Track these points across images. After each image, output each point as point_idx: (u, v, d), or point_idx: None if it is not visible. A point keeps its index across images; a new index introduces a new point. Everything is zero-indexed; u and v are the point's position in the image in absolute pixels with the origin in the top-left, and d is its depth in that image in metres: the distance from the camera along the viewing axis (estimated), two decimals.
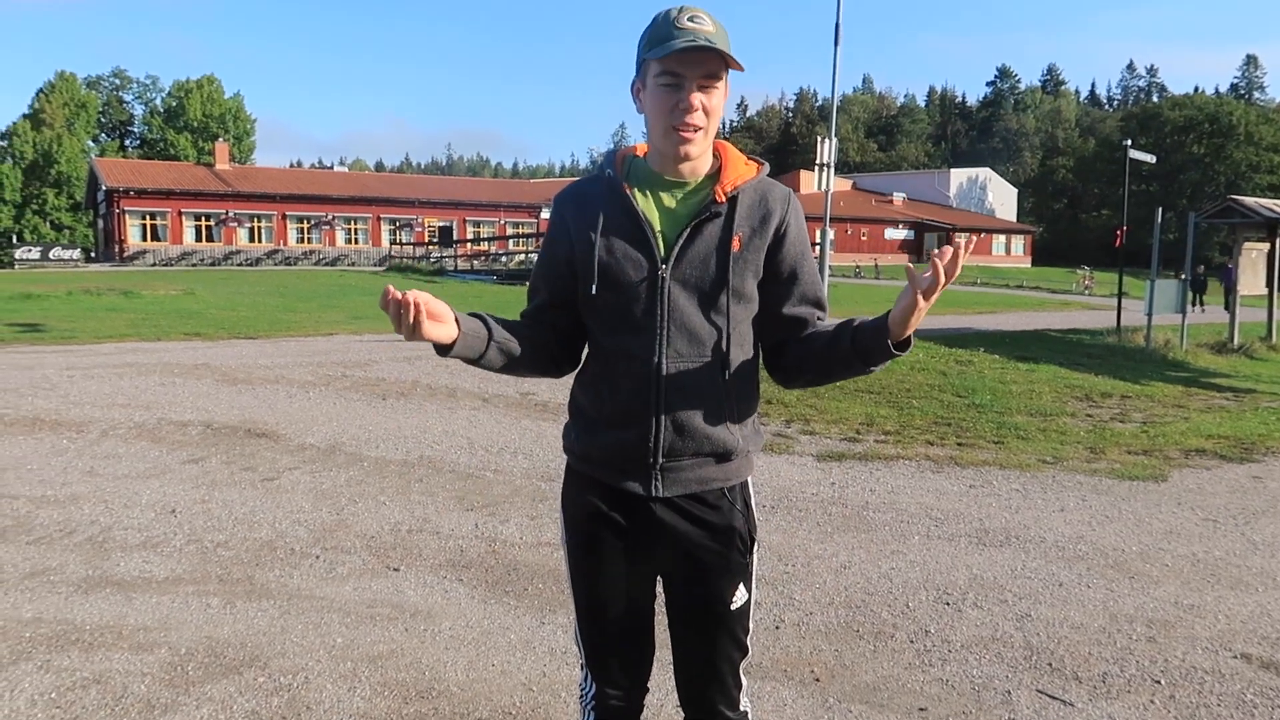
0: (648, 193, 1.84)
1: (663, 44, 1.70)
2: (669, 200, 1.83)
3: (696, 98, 1.73)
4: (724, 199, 1.80)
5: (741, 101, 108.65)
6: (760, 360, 1.94)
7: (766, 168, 1.89)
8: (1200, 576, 4.34)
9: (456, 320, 1.74)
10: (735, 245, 1.80)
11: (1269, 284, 15.83)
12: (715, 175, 1.84)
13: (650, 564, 1.92)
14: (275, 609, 3.76)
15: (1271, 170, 65.15)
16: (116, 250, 44.39)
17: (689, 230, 1.80)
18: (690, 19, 1.71)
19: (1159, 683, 3.24)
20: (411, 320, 1.64)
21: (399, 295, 1.63)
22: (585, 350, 1.95)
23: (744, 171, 1.84)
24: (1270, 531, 5.10)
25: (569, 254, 1.85)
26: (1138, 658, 3.43)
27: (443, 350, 1.74)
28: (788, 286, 1.88)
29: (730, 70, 1.76)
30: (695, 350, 1.80)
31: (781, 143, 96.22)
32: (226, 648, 3.39)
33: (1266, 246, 15.71)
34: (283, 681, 3.15)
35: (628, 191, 1.82)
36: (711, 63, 1.72)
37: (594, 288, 1.81)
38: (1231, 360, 13.81)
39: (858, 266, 51.29)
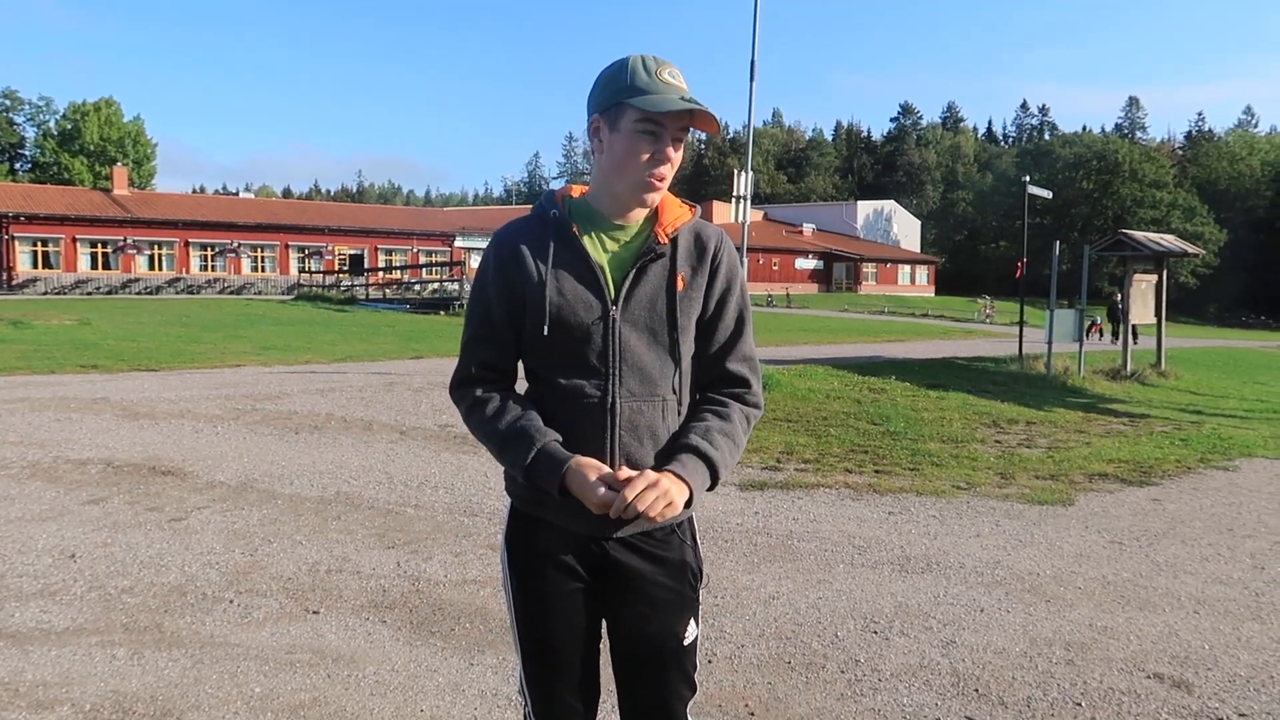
0: (592, 234, 1.86)
1: (647, 94, 1.74)
2: (611, 243, 1.86)
3: (669, 151, 1.78)
4: (666, 240, 1.85)
5: None
6: None
7: (699, 210, 1.94)
8: (1111, 598, 4.50)
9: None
10: (680, 285, 1.84)
11: (1157, 313, 16.71)
12: (653, 218, 1.88)
13: (602, 606, 1.91)
14: (187, 658, 3.58)
15: (1154, 205, 68.92)
16: (4, 278, 42.20)
17: (635, 271, 1.82)
18: (669, 74, 1.77)
19: (1080, 705, 3.33)
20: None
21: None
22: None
23: (681, 213, 1.89)
24: (1171, 553, 5.33)
25: (520, 292, 1.84)
26: (1059, 681, 3.53)
27: None
28: (712, 323, 1.89)
29: None
30: (647, 390, 1.82)
31: (695, 174, 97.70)
32: (136, 702, 3.21)
33: (1155, 278, 16.59)
34: None
35: (576, 232, 1.83)
36: (686, 119, 1.78)
37: (545, 328, 1.80)
38: (1125, 386, 14.49)
39: (770, 296, 52.23)
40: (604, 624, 1.95)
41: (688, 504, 1.77)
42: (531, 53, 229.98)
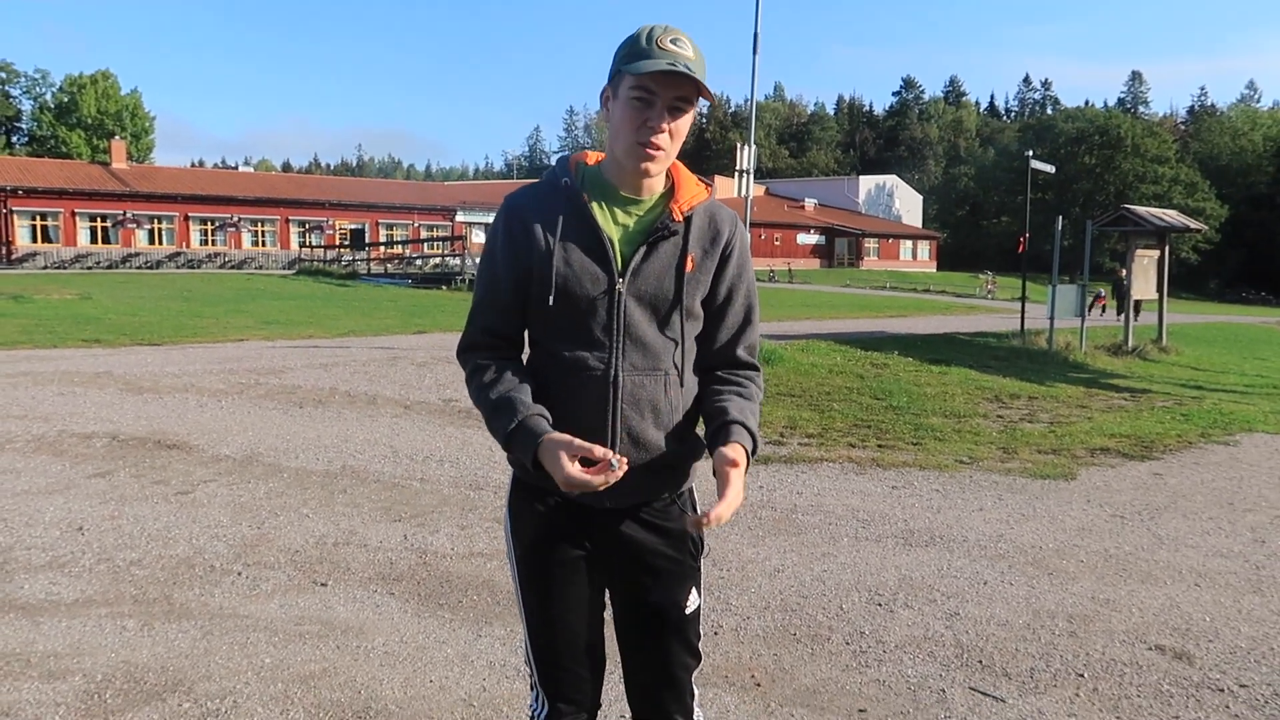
0: (604, 205, 1.83)
1: (641, 60, 1.71)
2: (624, 216, 1.84)
3: (665, 119, 1.74)
4: (680, 218, 1.83)
5: None
6: None
7: (715, 190, 1.92)
8: (1113, 571, 4.52)
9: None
10: (689, 265, 1.83)
11: (1159, 289, 16.68)
12: (669, 194, 1.86)
13: (604, 575, 1.93)
14: (197, 630, 3.61)
15: (1156, 181, 68.52)
16: (3, 252, 42.10)
17: (646, 247, 1.81)
18: (673, 41, 1.73)
19: (1082, 676, 3.36)
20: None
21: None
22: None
23: (697, 192, 1.87)
24: (1173, 526, 5.35)
25: (527, 261, 1.82)
26: (1061, 652, 3.56)
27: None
28: (721, 310, 1.90)
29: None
30: (649, 364, 1.82)
31: (696, 147, 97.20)
32: (146, 673, 3.24)
33: (1156, 253, 16.55)
34: (210, 706, 3.02)
35: (586, 202, 1.81)
36: (685, 88, 1.74)
37: (551, 298, 1.79)
38: (1126, 361, 14.50)
39: (772, 271, 52.13)
40: (607, 594, 1.97)
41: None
42: (532, 25, 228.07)
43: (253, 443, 6.89)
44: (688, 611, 1.92)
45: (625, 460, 1.70)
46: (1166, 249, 16.68)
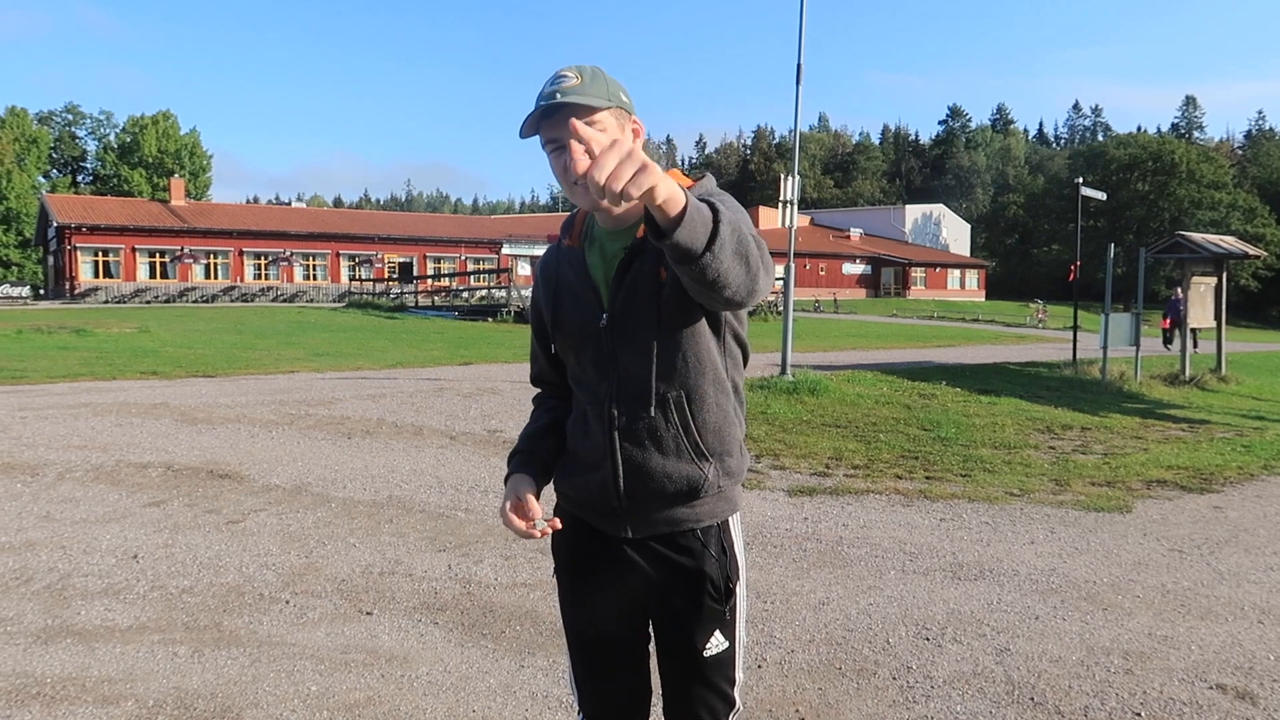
0: (596, 247, 1.86)
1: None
2: (610, 249, 1.83)
3: (579, 150, 1.70)
4: (643, 233, 1.75)
5: (700, 139, 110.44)
6: (740, 385, 1.89)
7: (704, 180, 1.80)
8: (1171, 607, 4.39)
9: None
10: (663, 274, 1.73)
11: (1217, 317, 16.27)
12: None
13: (633, 604, 1.91)
14: (245, 657, 3.66)
15: (1213, 207, 67.16)
16: (67, 287, 43.51)
17: (620, 274, 1.78)
18: (552, 83, 1.72)
19: (1139, 715, 3.26)
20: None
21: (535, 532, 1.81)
22: None
23: None
24: (1234, 561, 5.19)
25: (541, 315, 1.98)
26: (1117, 690, 3.46)
27: None
28: None
29: (616, 107, 1.74)
30: (644, 392, 1.79)
31: (740, 179, 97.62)
32: (196, 699, 3.29)
33: (1214, 280, 16.17)
34: None
35: (568, 246, 1.89)
36: (577, 114, 1.69)
37: (553, 347, 1.95)
38: (1184, 392, 14.13)
39: (817, 301, 51.89)
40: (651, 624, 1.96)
41: (680, 219, 1.38)
42: (574, 59, 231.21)
43: (302, 473, 6.99)
44: (706, 655, 1.84)
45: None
46: (1224, 276, 16.29)
